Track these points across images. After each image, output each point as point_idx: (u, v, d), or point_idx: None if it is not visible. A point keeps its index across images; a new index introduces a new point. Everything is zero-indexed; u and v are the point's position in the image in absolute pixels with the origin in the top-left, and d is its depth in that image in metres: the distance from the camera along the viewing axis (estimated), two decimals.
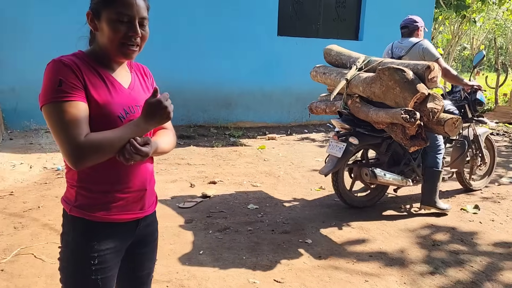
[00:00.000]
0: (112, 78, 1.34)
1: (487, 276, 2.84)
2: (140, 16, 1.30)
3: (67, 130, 1.19)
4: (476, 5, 10.48)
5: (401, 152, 3.85)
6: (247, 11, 7.20)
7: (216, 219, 3.57)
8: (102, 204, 1.33)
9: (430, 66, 3.14)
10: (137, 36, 1.30)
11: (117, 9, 1.26)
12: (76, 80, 1.23)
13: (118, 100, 1.31)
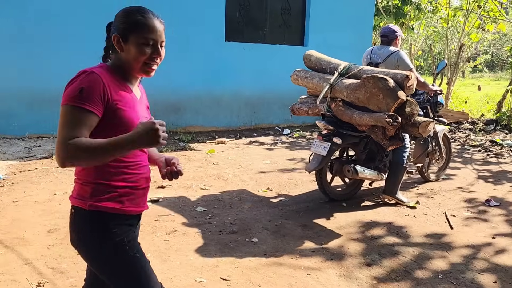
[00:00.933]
0: (130, 90, 1.53)
1: (418, 264, 3.07)
2: (162, 39, 1.50)
3: (64, 130, 1.32)
4: (413, 13, 11.13)
5: (376, 149, 4.20)
6: (194, 16, 7.25)
7: (164, 222, 3.60)
8: (117, 197, 1.48)
9: (408, 75, 3.52)
10: (159, 57, 1.50)
11: (144, 35, 1.45)
12: (100, 91, 1.38)
13: (136, 110, 1.50)
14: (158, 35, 1.48)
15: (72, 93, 1.36)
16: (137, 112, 1.50)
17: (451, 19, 11.15)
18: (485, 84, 18.87)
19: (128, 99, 1.48)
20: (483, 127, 8.88)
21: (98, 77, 1.39)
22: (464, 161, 6.30)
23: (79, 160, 1.32)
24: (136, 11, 1.48)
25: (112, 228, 1.47)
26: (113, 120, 1.41)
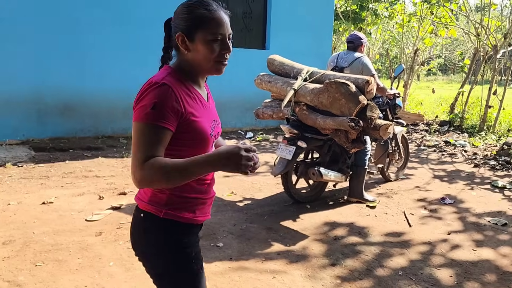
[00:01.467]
0: (199, 94, 1.42)
1: (379, 262, 3.17)
2: (229, 32, 1.38)
3: (141, 149, 1.25)
4: (371, 18, 11.48)
5: (339, 152, 4.29)
6: (156, 19, 7.13)
7: (127, 230, 3.52)
8: (190, 208, 1.45)
9: (368, 80, 3.63)
10: (230, 52, 1.38)
11: (212, 30, 1.33)
12: (173, 105, 1.28)
13: (206, 118, 1.40)
14: (226, 28, 1.36)
15: (144, 110, 1.27)
16: (208, 118, 1.41)
17: (406, 24, 11.59)
18: (439, 87, 19.68)
19: (199, 108, 1.39)
20: (437, 128, 9.27)
21: (170, 88, 1.29)
22: (420, 161, 6.55)
23: (155, 183, 1.26)
24: (199, 4, 1.36)
25: (183, 238, 1.44)
26: (187, 133, 1.34)
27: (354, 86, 3.57)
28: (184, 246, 1.44)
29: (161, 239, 1.42)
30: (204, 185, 1.48)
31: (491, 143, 7.76)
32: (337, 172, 4.20)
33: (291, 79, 4.12)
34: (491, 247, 3.50)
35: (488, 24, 8.85)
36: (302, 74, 4.03)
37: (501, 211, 4.36)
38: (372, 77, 3.81)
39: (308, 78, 4.01)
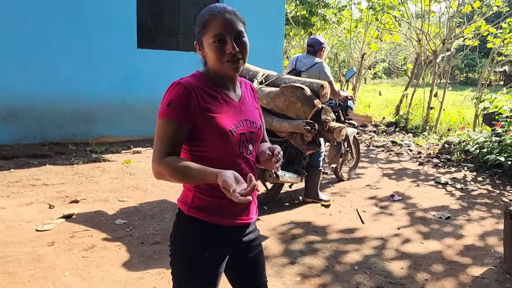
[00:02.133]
0: (224, 94, 1.47)
1: (336, 259, 3.28)
2: (234, 31, 1.40)
3: (159, 144, 1.38)
4: (320, 23, 11.81)
5: (295, 153, 4.37)
6: (104, 22, 6.97)
7: (81, 238, 3.42)
8: (215, 208, 1.46)
9: (323, 85, 3.73)
10: (234, 51, 1.39)
11: (211, 33, 1.39)
12: (186, 102, 1.38)
13: (229, 115, 1.45)
14: (226, 28, 1.38)
15: (162, 107, 1.39)
16: (231, 116, 1.45)
17: (353, 30, 12.03)
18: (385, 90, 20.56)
19: (221, 106, 1.44)
20: (385, 129, 9.69)
21: (185, 87, 1.39)
22: (370, 160, 6.82)
23: (165, 179, 1.36)
24: (204, 11, 1.43)
25: (203, 238, 1.48)
26: (205, 128, 1.40)
27: (309, 90, 3.68)
28: (202, 246, 1.47)
29: (184, 235, 1.50)
30: None
31: (434, 142, 8.23)
32: (293, 174, 4.30)
33: None
34: (437, 239, 3.73)
35: (428, 30, 9.39)
36: (257, 77, 4.09)
37: (445, 206, 4.64)
38: (330, 86, 3.95)
39: (263, 81, 4.07)
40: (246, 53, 1.44)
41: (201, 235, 1.48)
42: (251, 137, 1.51)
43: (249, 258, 1.62)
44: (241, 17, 1.47)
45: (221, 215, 1.48)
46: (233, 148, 1.45)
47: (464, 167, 6.33)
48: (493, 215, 4.39)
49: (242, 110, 1.51)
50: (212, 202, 1.46)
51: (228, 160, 1.45)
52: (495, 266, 3.25)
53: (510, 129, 6.05)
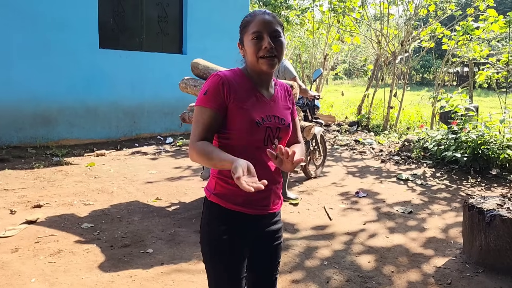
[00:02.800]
0: (256, 90, 1.60)
1: (306, 255, 3.35)
2: (271, 30, 1.53)
3: (194, 129, 1.52)
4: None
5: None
6: (63, 22, 6.76)
7: (47, 244, 3.31)
8: (234, 196, 1.56)
9: (292, 85, 3.76)
10: (270, 47, 1.51)
11: (250, 31, 1.54)
12: (220, 92, 1.52)
13: (258, 109, 1.57)
14: (263, 27, 1.52)
15: (200, 95, 1.55)
16: (260, 111, 1.57)
17: (316, 31, 12.25)
18: (346, 90, 21.03)
19: (252, 100, 1.57)
20: (347, 129, 9.93)
21: (221, 78, 1.53)
22: (335, 159, 6.98)
23: (195, 161, 1.50)
24: (248, 14, 1.59)
25: (222, 224, 1.58)
26: (234, 118, 1.53)
27: None
28: (221, 232, 1.58)
29: (206, 220, 1.62)
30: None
31: (394, 141, 8.52)
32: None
33: None
34: (401, 233, 3.88)
35: (387, 32, 9.71)
36: None
37: (407, 201, 4.83)
38: (295, 81, 4.01)
39: None
40: (281, 52, 1.56)
41: (220, 220, 1.59)
42: (278, 132, 1.61)
43: (267, 248, 1.70)
44: (279, 21, 1.60)
45: (240, 203, 1.58)
46: (258, 140, 1.56)
47: (423, 164, 6.59)
48: (452, 208, 4.61)
49: (272, 107, 1.63)
50: (232, 190, 1.56)
51: (252, 151, 1.55)
52: (455, 256, 3.42)
53: (465, 126, 6.36)
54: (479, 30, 8.50)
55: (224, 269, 1.60)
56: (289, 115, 1.69)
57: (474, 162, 5.98)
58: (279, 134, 1.61)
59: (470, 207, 3.30)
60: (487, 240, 3.15)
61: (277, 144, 1.59)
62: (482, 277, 3.08)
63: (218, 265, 1.60)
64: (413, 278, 3.05)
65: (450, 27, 9.34)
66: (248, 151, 1.54)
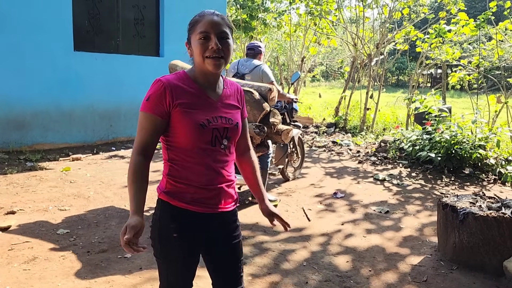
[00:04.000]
0: (201, 91, 1.60)
1: (285, 257, 3.37)
2: (218, 30, 1.54)
3: (137, 136, 1.57)
4: (260, 27, 12.00)
5: None
6: (36, 23, 6.62)
7: (21, 251, 3.23)
8: (182, 194, 1.60)
9: (271, 88, 3.80)
10: (216, 47, 1.51)
11: (197, 31, 1.54)
12: (163, 97, 1.53)
13: (203, 111, 1.58)
14: (211, 27, 1.53)
15: (143, 101, 1.56)
16: (205, 112, 1.58)
17: (293, 34, 12.35)
18: (323, 92, 21.27)
19: (195, 102, 1.57)
20: (325, 130, 10.04)
21: (163, 84, 1.54)
22: (313, 160, 7.05)
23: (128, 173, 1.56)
24: (196, 15, 1.60)
25: (172, 222, 1.61)
26: (179, 122, 1.55)
27: (258, 93, 3.75)
28: (171, 229, 1.61)
29: (157, 217, 1.64)
30: (199, 175, 1.60)
31: (371, 141, 8.66)
32: (242, 176, 4.33)
33: None
34: (378, 233, 3.95)
35: (362, 35, 9.87)
36: None
37: (384, 201, 4.91)
38: (273, 85, 4.05)
39: None
40: (228, 53, 1.56)
41: (170, 218, 1.62)
42: (225, 132, 1.62)
43: (225, 248, 1.72)
44: (228, 22, 1.60)
45: (188, 200, 1.60)
46: (205, 141, 1.58)
47: (399, 164, 6.72)
48: (426, 207, 4.72)
49: (218, 108, 1.63)
50: (180, 188, 1.60)
51: (200, 152, 1.59)
52: (430, 254, 3.51)
53: (439, 127, 6.52)
54: (451, 33, 8.74)
55: (173, 264, 1.66)
56: (238, 114, 1.71)
57: (448, 161, 6.14)
58: (228, 134, 1.63)
59: (444, 205, 3.39)
60: (460, 237, 3.24)
61: (226, 144, 1.63)
62: (457, 274, 3.16)
63: (167, 259, 1.65)
64: (390, 277, 3.11)
65: (424, 30, 9.57)
66: (195, 153, 1.58)
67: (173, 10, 8.36)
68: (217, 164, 1.62)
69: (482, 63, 8.16)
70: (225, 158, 1.65)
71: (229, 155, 1.68)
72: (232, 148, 1.70)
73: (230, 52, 1.57)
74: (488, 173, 6.11)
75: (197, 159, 1.58)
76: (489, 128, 6.62)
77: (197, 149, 1.58)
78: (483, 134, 6.30)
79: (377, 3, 9.74)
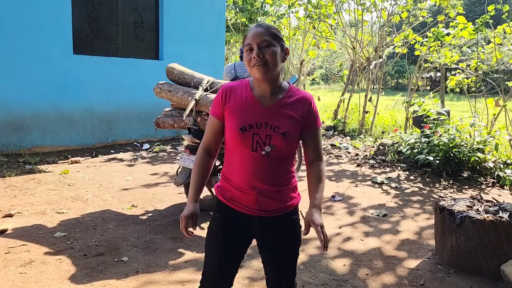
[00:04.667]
0: (253, 98, 1.72)
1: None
2: (259, 40, 1.64)
3: (204, 134, 1.84)
4: None
5: None
6: (36, 26, 6.63)
7: (17, 254, 3.23)
8: (225, 191, 1.79)
9: None
10: (257, 57, 1.62)
11: (245, 43, 1.69)
12: (220, 101, 1.75)
13: (248, 115, 1.68)
14: (253, 38, 1.65)
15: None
16: (249, 117, 1.68)
17: (292, 37, 12.38)
18: (323, 95, 21.27)
19: (241, 107, 1.71)
20: (324, 133, 10.04)
21: (224, 88, 1.76)
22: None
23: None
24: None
25: (216, 212, 1.83)
26: (227, 124, 1.73)
27: None
28: (214, 219, 1.84)
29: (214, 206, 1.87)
30: (237, 177, 1.74)
31: (369, 145, 8.66)
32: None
33: (191, 88, 4.16)
34: (376, 236, 3.94)
35: (361, 38, 9.89)
36: (203, 84, 4.10)
37: (382, 204, 4.91)
38: None
39: (209, 88, 4.09)
40: (272, 59, 1.64)
41: (216, 209, 1.84)
42: (268, 140, 1.67)
43: (265, 253, 1.86)
44: (272, 30, 1.68)
45: (227, 198, 1.78)
46: (246, 145, 1.68)
47: (397, 167, 6.72)
48: (424, 211, 4.72)
49: (266, 114, 1.69)
50: (224, 185, 1.80)
51: (240, 154, 1.71)
52: (428, 258, 3.50)
53: (437, 130, 6.53)
54: (449, 36, 8.76)
55: (210, 249, 1.85)
56: (292, 124, 1.70)
57: (446, 165, 6.14)
58: (271, 142, 1.66)
59: (441, 209, 3.39)
60: (458, 241, 3.24)
61: (268, 151, 1.66)
62: (454, 278, 3.16)
63: (207, 244, 1.86)
64: (387, 280, 3.11)
65: (422, 33, 9.58)
66: (236, 154, 1.72)
67: (172, 14, 8.38)
68: (255, 169, 1.69)
69: (480, 66, 8.17)
70: (267, 164, 1.69)
71: (273, 162, 1.70)
72: (282, 157, 1.72)
73: (274, 57, 1.64)
74: (486, 177, 6.11)
75: (238, 161, 1.72)
76: (488, 132, 6.63)
77: (238, 151, 1.71)
78: (481, 137, 6.30)
79: (375, 6, 9.76)
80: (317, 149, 1.81)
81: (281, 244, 1.80)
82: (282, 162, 1.73)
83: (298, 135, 1.73)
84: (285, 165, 1.75)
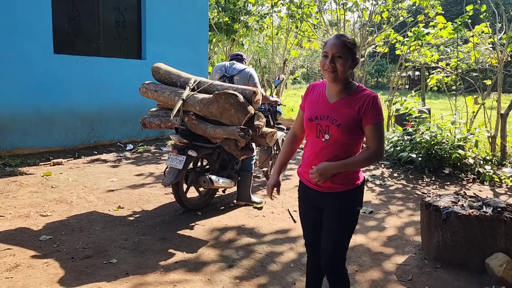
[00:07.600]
0: (323, 95, 2.15)
1: (272, 259, 3.38)
2: (334, 51, 2.01)
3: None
4: (242, 30, 12.02)
5: (228, 158, 4.42)
6: (15, 26, 6.48)
7: (2, 258, 3.16)
8: (302, 171, 2.25)
9: (255, 91, 3.81)
10: (329, 65, 2.01)
11: (323, 50, 2.07)
12: (305, 95, 2.24)
13: (317, 109, 2.13)
14: (330, 49, 2.02)
15: None
16: (316, 111, 2.12)
17: (275, 36, 12.40)
18: None
19: (314, 102, 2.16)
20: None
21: (310, 86, 2.26)
22: (297, 162, 7.08)
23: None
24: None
25: (299, 188, 2.35)
26: (304, 113, 2.21)
27: (242, 96, 3.75)
28: (299, 193, 2.35)
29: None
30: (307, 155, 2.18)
31: None
32: (226, 179, 4.34)
33: (178, 88, 4.13)
34: (363, 233, 3.99)
35: None
36: (189, 83, 4.07)
37: (367, 201, 4.98)
38: (255, 86, 4.06)
39: (196, 88, 4.07)
40: (341, 68, 2.01)
41: (299, 185, 2.34)
42: (327, 129, 2.07)
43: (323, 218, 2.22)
44: (347, 44, 2.02)
45: (303, 177, 2.25)
46: (312, 132, 2.13)
47: (381, 165, 6.82)
48: (408, 207, 4.80)
49: (329, 109, 2.10)
50: (302, 167, 2.24)
51: (309, 139, 2.17)
52: (414, 253, 3.57)
53: (419, 128, 6.64)
54: (429, 36, 8.91)
55: (300, 216, 2.40)
56: (347, 118, 2.05)
57: (429, 162, 6.26)
58: (329, 131, 2.06)
59: (427, 205, 3.45)
60: (443, 236, 3.31)
61: (327, 139, 2.07)
62: (441, 272, 3.23)
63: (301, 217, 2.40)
64: (376, 276, 3.15)
65: (403, 33, 9.73)
66: (308, 140, 2.19)
67: (154, 13, 8.30)
68: (318, 152, 2.11)
69: (459, 65, 8.34)
70: (326, 149, 2.09)
71: (332, 148, 2.07)
72: (339, 144, 2.07)
73: (343, 67, 2.01)
74: (467, 173, 6.25)
75: (308, 145, 2.18)
76: (468, 129, 6.78)
77: (309, 138, 2.18)
78: (461, 134, 6.44)
79: (357, 6, 9.86)
80: (373, 140, 2.07)
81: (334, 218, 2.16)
82: (339, 148, 2.07)
83: (356, 128, 2.06)
84: (342, 151, 2.07)
